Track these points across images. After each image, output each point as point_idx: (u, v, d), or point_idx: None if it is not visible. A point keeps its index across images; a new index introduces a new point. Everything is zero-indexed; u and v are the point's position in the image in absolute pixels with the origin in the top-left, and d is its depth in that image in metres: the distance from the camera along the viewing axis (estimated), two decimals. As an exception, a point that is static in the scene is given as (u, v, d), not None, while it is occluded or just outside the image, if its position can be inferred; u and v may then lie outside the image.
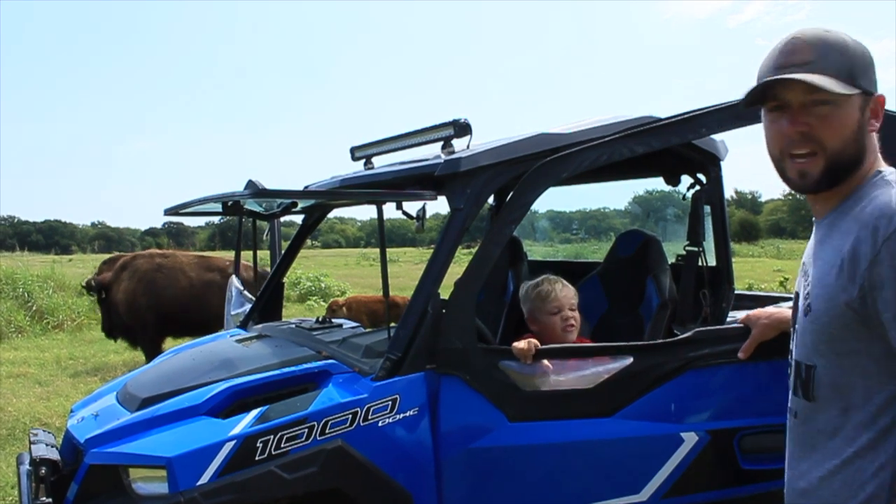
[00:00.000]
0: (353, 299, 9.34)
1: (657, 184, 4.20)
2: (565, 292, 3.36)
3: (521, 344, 2.84)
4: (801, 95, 1.59)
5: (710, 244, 3.52)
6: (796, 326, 1.71)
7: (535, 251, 8.37)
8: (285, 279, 4.71)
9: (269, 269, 5.68)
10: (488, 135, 3.33)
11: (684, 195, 3.72)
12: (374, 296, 10.48)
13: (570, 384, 2.90)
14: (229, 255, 8.41)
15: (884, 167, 1.65)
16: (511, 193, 3.00)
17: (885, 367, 1.49)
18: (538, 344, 2.88)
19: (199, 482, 2.59)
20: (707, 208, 3.52)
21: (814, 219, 1.77)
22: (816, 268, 1.63)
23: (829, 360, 1.58)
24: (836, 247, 1.56)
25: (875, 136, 1.66)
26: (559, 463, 2.87)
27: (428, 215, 3.23)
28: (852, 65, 1.59)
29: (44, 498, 2.74)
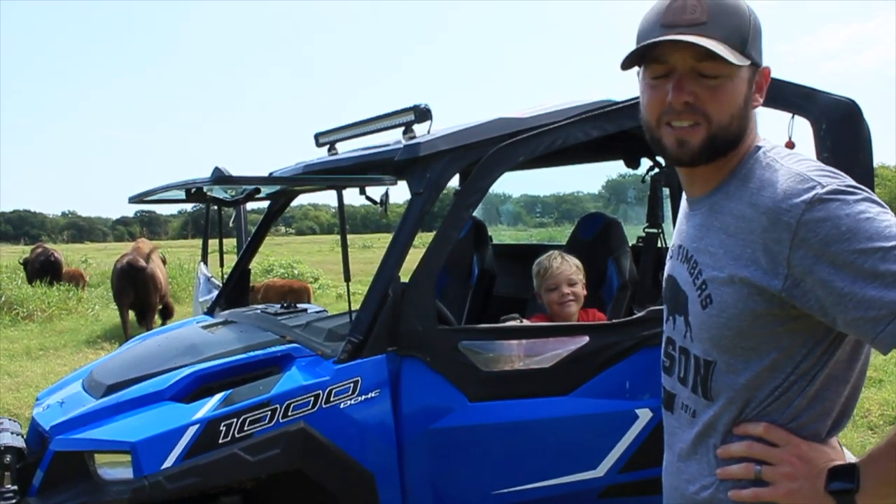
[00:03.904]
0: (266, 284, 9.54)
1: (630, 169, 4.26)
2: (562, 269, 3.42)
3: None
4: (690, 60, 1.40)
5: (669, 226, 3.58)
6: (689, 319, 1.53)
7: (509, 235, 8.41)
8: (256, 265, 4.72)
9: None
10: (465, 119, 3.36)
11: (643, 178, 3.78)
12: (286, 281, 10.84)
13: (528, 364, 2.96)
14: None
15: (762, 141, 1.51)
16: (468, 177, 3.05)
17: (793, 358, 1.40)
18: None
19: (164, 466, 2.62)
20: (666, 191, 3.59)
21: (686, 197, 1.64)
22: (709, 256, 1.48)
23: (732, 355, 1.45)
24: (734, 234, 1.42)
25: (755, 110, 1.51)
26: (518, 441, 2.92)
27: (392, 200, 3.27)
28: (745, 32, 1.42)
29: (9, 485, 2.75)
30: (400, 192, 3.22)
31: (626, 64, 1.49)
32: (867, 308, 1.25)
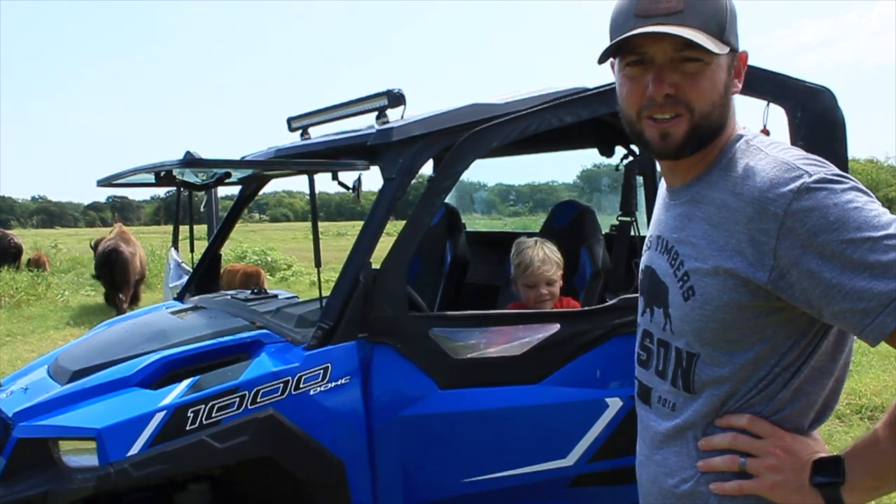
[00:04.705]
0: (227, 269, 9.69)
1: (604, 157, 4.25)
2: (543, 269, 3.37)
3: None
4: (670, 51, 1.37)
5: (642, 215, 3.58)
6: (669, 311, 1.51)
7: (483, 224, 8.40)
8: (229, 252, 4.67)
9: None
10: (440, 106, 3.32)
11: (617, 166, 3.78)
12: (241, 265, 11.16)
13: (499, 351, 2.94)
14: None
15: (742, 129, 1.49)
16: (441, 163, 3.02)
17: (777, 350, 1.39)
18: None
19: (130, 453, 2.57)
20: (640, 179, 3.59)
21: (665, 186, 1.61)
22: (691, 247, 1.45)
23: (716, 348, 1.43)
24: (717, 224, 1.40)
25: (733, 98, 1.48)
26: (488, 429, 2.91)
27: (366, 188, 3.24)
28: (723, 19, 1.39)
29: None
30: (374, 180, 3.18)
31: (603, 58, 1.46)
32: (856, 299, 1.24)
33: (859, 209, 1.25)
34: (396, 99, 3.20)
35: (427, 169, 4.36)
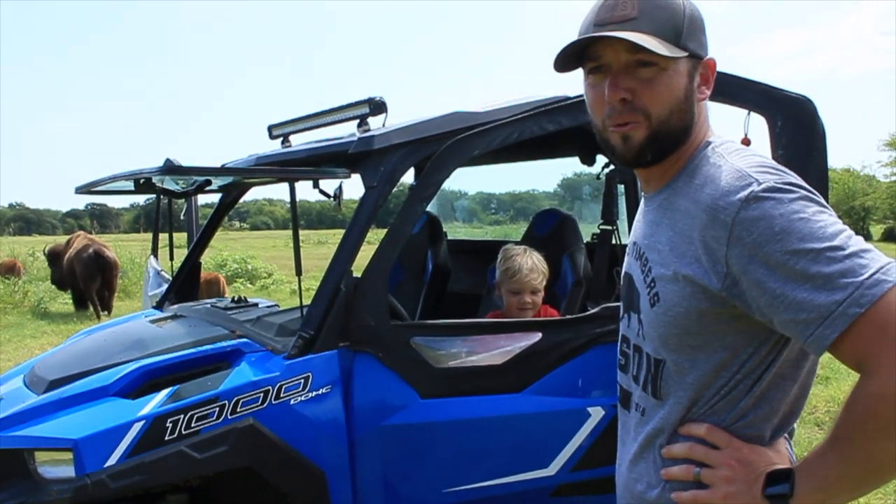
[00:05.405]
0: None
1: (585, 166, 4.26)
2: (530, 278, 3.35)
3: None
4: (624, 55, 1.40)
5: (623, 223, 3.59)
6: (641, 317, 1.52)
7: (464, 232, 8.40)
8: (209, 260, 4.65)
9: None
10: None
11: (598, 175, 3.79)
12: (205, 273, 11.36)
13: (481, 360, 2.93)
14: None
15: (713, 136, 1.50)
16: (423, 171, 3.02)
17: (739, 357, 1.39)
18: None
19: (107, 464, 2.55)
20: (621, 188, 3.60)
21: (642, 193, 1.64)
22: (657, 254, 1.47)
23: (680, 354, 1.43)
24: (680, 231, 1.41)
25: (705, 105, 1.50)
26: (470, 439, 2.90)
27: (348, 196, 3.23)
28: (679, 25, 1.41)
29: None
30: (355, 189, 3.18)
31: (560, 66, 1.49)
32: (797, 310, 1.24)
33: (805, 220, 1.25)
34: (378, 107, 3.21)
35: (408, 177, 4.36)
